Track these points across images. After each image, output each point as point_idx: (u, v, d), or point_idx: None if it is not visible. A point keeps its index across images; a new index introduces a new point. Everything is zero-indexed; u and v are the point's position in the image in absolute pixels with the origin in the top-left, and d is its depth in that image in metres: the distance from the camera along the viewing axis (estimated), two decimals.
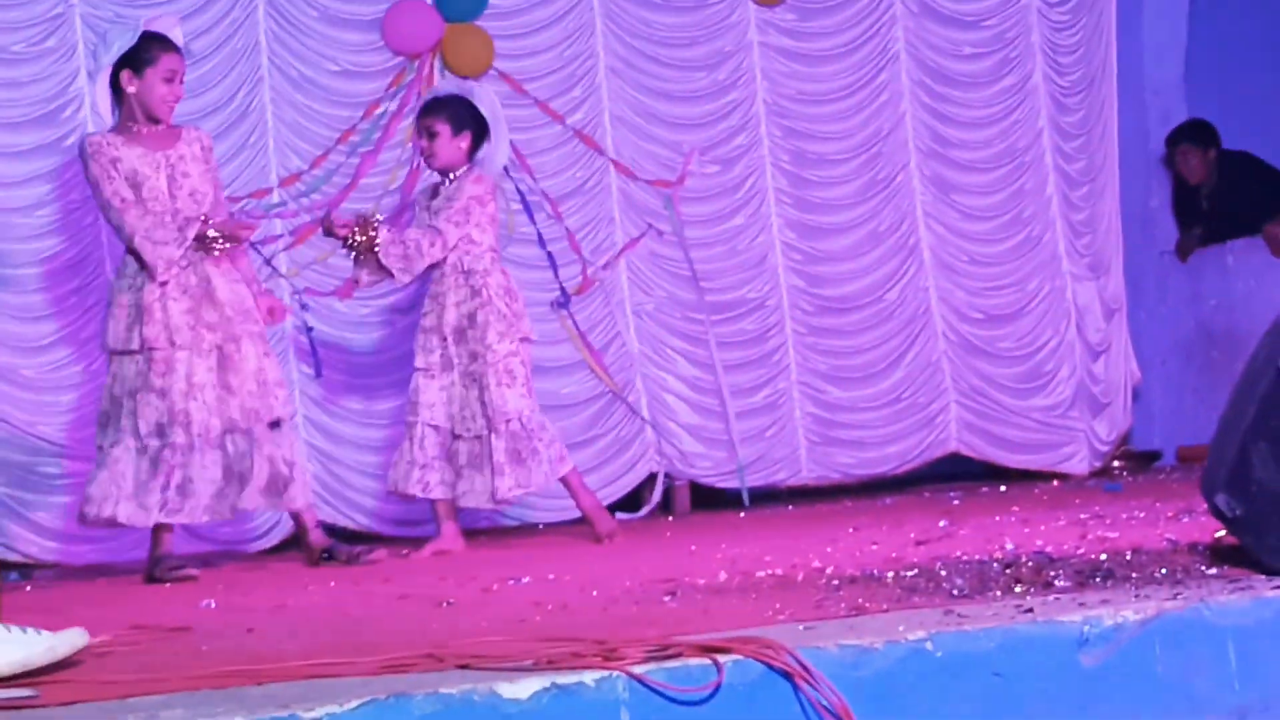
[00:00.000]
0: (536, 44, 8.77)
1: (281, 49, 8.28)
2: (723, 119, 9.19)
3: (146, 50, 6.71)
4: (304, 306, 8.10)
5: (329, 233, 7.19)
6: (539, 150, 8.66)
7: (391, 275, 7.18)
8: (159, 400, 6.61)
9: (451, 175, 7.32)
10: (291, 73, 8.30)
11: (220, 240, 6.72)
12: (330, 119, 8.36)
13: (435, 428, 7.21)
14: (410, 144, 8.28)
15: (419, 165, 8.24)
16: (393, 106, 8.44)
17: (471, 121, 7.33)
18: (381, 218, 7.27)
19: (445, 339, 7.22)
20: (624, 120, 8.97)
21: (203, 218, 6.72)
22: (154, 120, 6.77)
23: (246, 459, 6.69)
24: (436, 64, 8.51)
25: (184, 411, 6.60)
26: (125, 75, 6.71)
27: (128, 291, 6.69)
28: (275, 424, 6.78)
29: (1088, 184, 10.05)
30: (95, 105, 7.09)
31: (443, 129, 7.28)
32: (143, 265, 6.65)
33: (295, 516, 6.91)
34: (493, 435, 7.14)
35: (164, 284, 6.64)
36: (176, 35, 6.85)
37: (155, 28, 6.80)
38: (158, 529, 6.67)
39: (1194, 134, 10.36)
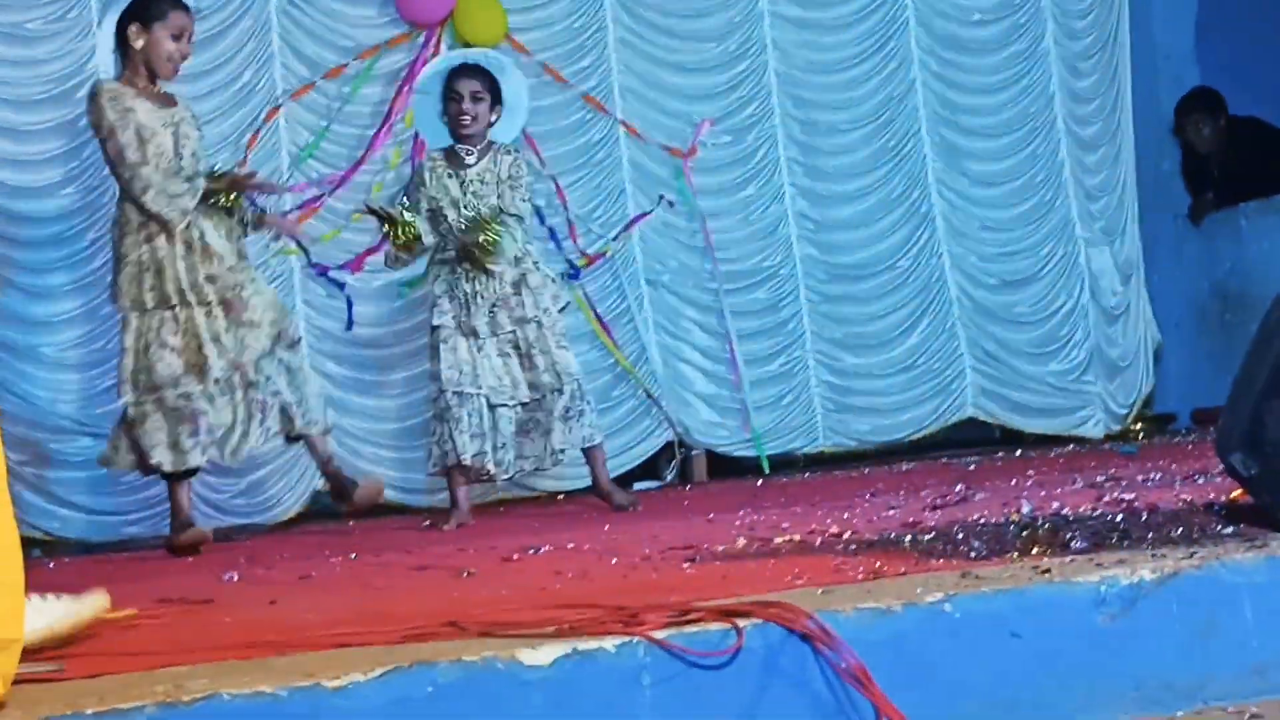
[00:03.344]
0: (547, 16, 8.77)
1: (292, 25, 8.29)
2: (733, 90, 9.20)
3: (156, 4, 6.67)
4: (340, 286, 8.12)
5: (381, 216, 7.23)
6: (548, 122, 8.65)
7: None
8: (173, 356, 6.61)
9: (474, 147, 7.31)
10: (304, 50, 8.32)
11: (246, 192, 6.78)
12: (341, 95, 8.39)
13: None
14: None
15: (422, 139, 8.32)
16: (400, 82, 8.45)
17: (498, 97, 7.37)
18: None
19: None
20: (634, 92, 8.98)
21: (220, 172, 6.80)
22: (154, 78, 6.73)
23: (272, 384, 6.73)
24: (447, 36, 8.51)
25: (197, 364, 6.62)
26: (133, 28, 6.64)
27: (140, 246, 6.64)
28: (295, 342, 6.89)
29: (1101, 149, 10.05)
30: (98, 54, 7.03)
31: (486, 97, 7.30)
32: (149, 218, 6.62)
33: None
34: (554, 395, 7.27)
35: (171, 238, 6.63)
36: None
37: None
38: (176, 491, 6.67)
39: (1204, 103, 10.35)
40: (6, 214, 7.67)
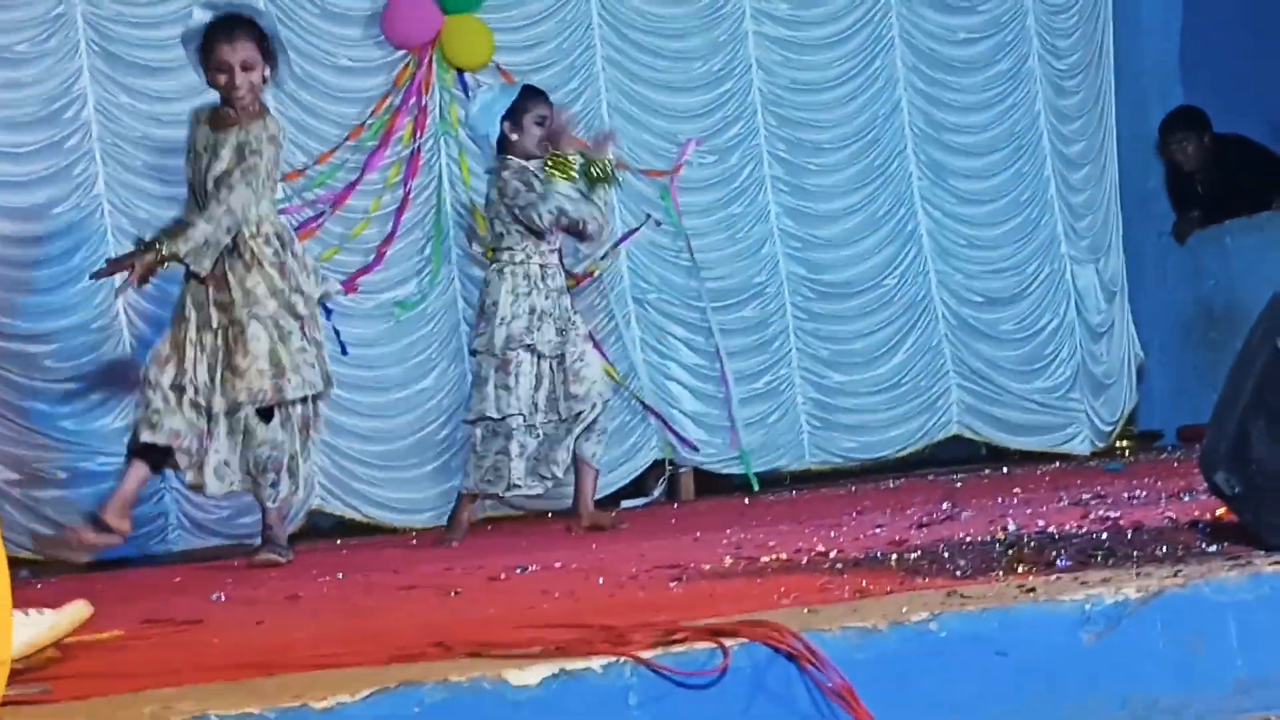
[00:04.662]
0: (534, 36, 8.80)
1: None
2: (719, 109, 9.23)
3: (206, 54, 6.68)
4: (328, 313, 8.12)
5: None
6: None
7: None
8: (206, 362, 6.63)
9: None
10: (294, 69, 8.31)
11: None
12: (334, 115, 8.39)
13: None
14: (412, 139, 8.36)
15: (419, 157, 8.32)
16: (396, 102, 8.47)
17: None
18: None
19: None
20: (621, 111, 9.00)
21: None
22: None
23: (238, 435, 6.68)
24: (435, 57, 8.53)
25: (207, 384, 6.63)
26: (205, 76, 6.73)
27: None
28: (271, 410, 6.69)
29: (1086, 166, 10.09)
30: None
31: None
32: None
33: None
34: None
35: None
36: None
37: None
38: (135, 471, 6.62)
39: (1189, 121, 10.35)
40: None
